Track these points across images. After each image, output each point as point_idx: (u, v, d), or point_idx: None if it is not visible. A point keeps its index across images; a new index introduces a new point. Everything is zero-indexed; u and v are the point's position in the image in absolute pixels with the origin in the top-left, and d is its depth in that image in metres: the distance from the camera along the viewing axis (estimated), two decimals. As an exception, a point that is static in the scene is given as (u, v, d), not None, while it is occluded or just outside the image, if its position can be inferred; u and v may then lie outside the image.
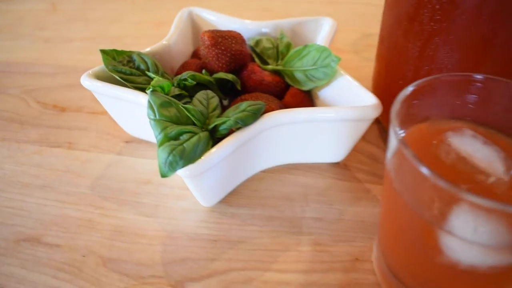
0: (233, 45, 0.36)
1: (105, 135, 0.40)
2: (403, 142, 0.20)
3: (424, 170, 0.19)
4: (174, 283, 0.28)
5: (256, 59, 0.39)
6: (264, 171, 0.36)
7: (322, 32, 0.40)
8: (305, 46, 0.36)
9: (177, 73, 0.38)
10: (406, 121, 0.25)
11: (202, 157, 0.27)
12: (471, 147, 0.25)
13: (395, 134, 0.21)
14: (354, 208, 0.32)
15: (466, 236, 0.20)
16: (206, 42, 0.35)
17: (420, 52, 0.31)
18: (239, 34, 0.37)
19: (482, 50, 0.28)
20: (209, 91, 0.32)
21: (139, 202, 0.34)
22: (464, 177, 0.23)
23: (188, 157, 0.27)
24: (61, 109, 0.43)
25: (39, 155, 0.38)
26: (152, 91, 0.30)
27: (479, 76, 0.24)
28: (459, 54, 0.29)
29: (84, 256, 0.30)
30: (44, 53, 0.53)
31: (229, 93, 0.37)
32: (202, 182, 0.29)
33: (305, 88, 0.36)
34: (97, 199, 0.34)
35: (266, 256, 0.30)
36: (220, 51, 0.35)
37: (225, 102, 0.37)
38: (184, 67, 0.38)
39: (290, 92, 0.36)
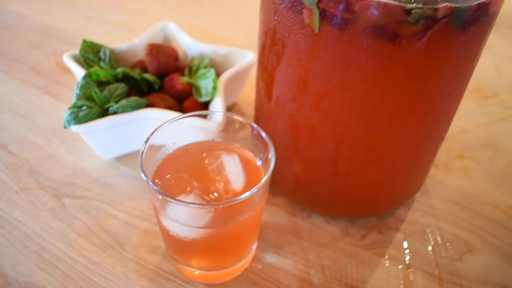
0: (162, 57, 0.53)
1: (81, 96, 0.60)
2: (140, 157, 0.35)
3: (144, 177, 0.33)
4: (58, 195, 0.47)
5: (186, 71, 0.55)
6: (155, 149, 0.53)
7: (241, 62, 0.55)
8: (209, 69, 0.51)
9: (131, 67, 0.56)
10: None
11: (87, 123, 0.45)
12: (227, 164, 0.39)
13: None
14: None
15: (171, 218, 0.34)
16: (145, 51, 0.53)
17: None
18: (173, 50, 0.54)
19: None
20: (122, 84, 0.49)
21: (73, 144, 0.53)
22: (205, 180, 0.37)
23: (79, 120, 0.45)
24: (66, 71, 0.65)
25: (35, 97, 0.60)
26: (84, 75, 0.48)
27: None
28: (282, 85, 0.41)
29: (22, 164, 0.51)
30: (82, 28, 0.76)
31: (155, 90, 0.54)
32: (92, 140, 0.48)
33: (201, 99, 0.51)
34: (50, 134, 0.55)
35: (118, 198, 0.47)
36: (152, 59, 0.53)
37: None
38: (135, 64, 0.56)
39: (189, 100, 0.51)
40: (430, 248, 0.44)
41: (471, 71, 0.37)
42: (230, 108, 0.60)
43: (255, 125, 0.37)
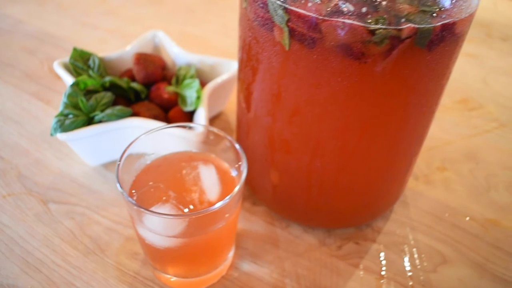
0: (149, 66, 0.54)
1: (72, 102, 0.62)
2: (117, 169, 0.37)
3: (119, 188, 0.35)
4: (44, 200, 0.49)
5: (174, 79, 0.57)
6: (141, 156, 0.54)
7: (227, 71, 0.56)
8: (194, 79, 0.53)
9: (120, 76, 0.58)
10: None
11: (73, 131, 0.47)
12: (204, 175, 0.40)
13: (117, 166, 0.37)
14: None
15: (146, 227, 0.36)
16: (133, 60, 0.55)
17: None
18: (161, 59, 0.56)
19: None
20: (108, 93, 0.51)
21: (61, 150, 0.55)
22: (181, 191, 0.39)
23: (65, 128, 0.47)
24: (58, 77, 0.67)
25: (26, 102, 0.62)
26: (72, 84, 0.50)
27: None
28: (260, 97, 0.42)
29: (11, 168, 0.52)
30: (76, 34, 0.78)
31: (142, 99, 0.56)
32: (78, 147, 0.49)
33: (185, 109, 0.53)
34: (40, 140, 0.56)
35: (102, 204, 0.49)
36: (139, 68, 0.54)
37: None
38: (124, 73, 0.58)
39: (174, 110, 0.53)
40: (405, 259, 0.45)
41: (441, 88, 0.38)
42: (216, 117, 0.62)
43: (229, 137, 0.39)
